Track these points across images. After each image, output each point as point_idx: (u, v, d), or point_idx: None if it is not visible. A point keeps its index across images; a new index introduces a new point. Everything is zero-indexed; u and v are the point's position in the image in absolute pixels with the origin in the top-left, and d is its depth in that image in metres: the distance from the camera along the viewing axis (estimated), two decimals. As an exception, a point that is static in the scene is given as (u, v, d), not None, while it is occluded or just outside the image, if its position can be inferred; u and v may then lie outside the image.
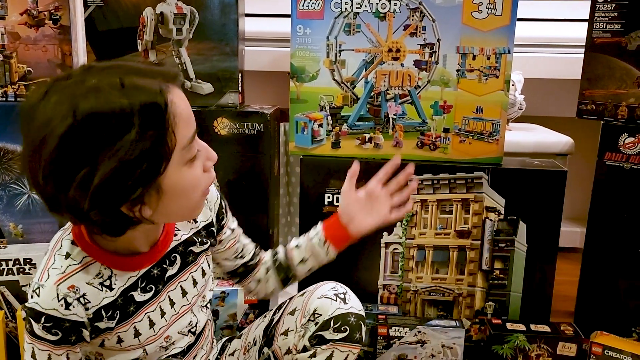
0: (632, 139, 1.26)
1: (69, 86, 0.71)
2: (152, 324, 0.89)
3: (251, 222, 1.42)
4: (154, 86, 0.72)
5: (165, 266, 0.90)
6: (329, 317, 0.90)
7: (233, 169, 1.40)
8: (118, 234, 0.78)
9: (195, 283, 0.95)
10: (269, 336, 0.98)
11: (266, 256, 1.10)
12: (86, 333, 0.82)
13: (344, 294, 0.93)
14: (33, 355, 0.81)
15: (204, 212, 0.97)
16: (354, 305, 0.93)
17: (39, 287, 0.79)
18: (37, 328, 0.79)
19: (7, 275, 1.28)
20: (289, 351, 0.94)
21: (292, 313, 0.95)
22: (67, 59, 1.38)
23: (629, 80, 1.26)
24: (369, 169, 1.32)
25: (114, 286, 0.84)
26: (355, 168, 1.08)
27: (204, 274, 0.97)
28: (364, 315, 0.93)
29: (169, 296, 0.91)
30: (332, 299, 0.92)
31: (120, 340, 0.86)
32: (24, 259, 1.28)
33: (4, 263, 1.28)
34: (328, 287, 0.95)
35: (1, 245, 1.36)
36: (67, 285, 0.79)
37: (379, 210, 1.06)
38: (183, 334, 0.94)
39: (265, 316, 1.04)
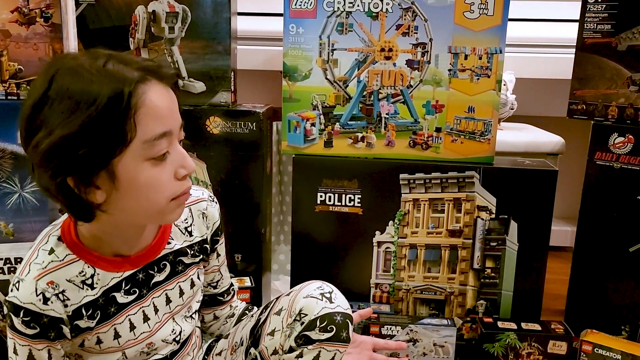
0: (622, 138, 1.27)
1: (63, 60, 0.75)
2: (132, 327, 0.89)
3: (243, 221, 1.42)
4: (130, 75, 0.74)
5: (152, 272, 0.90)
6: (315, 317, 0.89)
7: (225, 168, 1.40)
8: (82, 216, 0.78)
9: (182, 293, 0.95)
10: (255, 336, 0.97)
11: (239, 304, 1.12)
12: (66, 330, 0.82)
13: (330, 293, 0.92)
14: (15, 350, 0.82)
15: (200, 229, 0.97)
16: (340, 304, 0.92)
17: (19, 281, 0.80)
18: (17, 322, 0.80)
19: (-3, 274, 1.27)
20: (275, 351, 0.93)
21: (278, 313, 0.95)
22: (58, 57, 1.38)
23: (619, 80, 1.27)
24: (362, 167, 1.33)
25: (95, 285, 0.84)
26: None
27: (192, 285, 0.97)
28: (350, 314, 0.93)
29: (153, 302, 0.91)
30: (318, 298, 0.91)
31: (99, 341, 0.86)
32: (15, 258, 1.27)
33: (-6, 262, 1.28)
34: (314, 287, 0.94)
35: (-9, 244, 1.36)
36: (46, 280, 0.80)
37: (357, 358, 1.05)
38: (167, 342, 0.94)
39: (252, 316, 1.04)
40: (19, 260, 1.27)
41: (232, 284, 1.11)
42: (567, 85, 1.34)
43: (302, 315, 0.90)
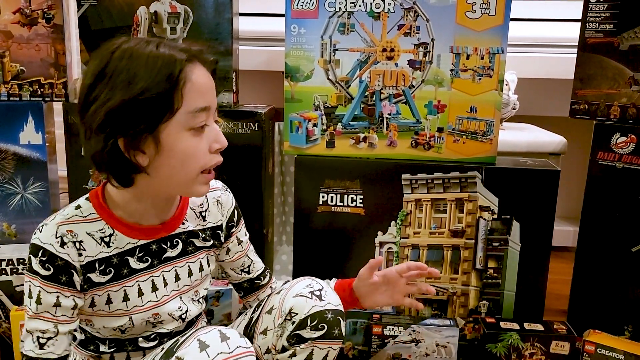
0: (625, 138, 1.27)
1: (118, 43, 0.84)
2: (140, 292, 0.92)
3: (245, 222, 1.42)
4: (179, 55, 0.84)
5: (165, 246, 0.95)
6: (306, 316, 0.90)
7: (227, 169, 1.39)
8: (123, 180, 0.86)
9: (190, 273, 0.98)
10: (249, 335, 0.98)
11: (278, 284, 1.13)
12: (77, 279, 0.87)
13: (320, 290, 0.93)
14: (30, 293, 0.87)
15: (215, 215, 1.02)
16: (331, 301, 0.93)
17: (43, 225, 0.88)
18: (34, 262, 0.85)
19: (0, 275, 1.27)
20: (268, 350, 0.94)
21: (269, 312, 0.96)
22: (60, 58, 1.38)
23: (621, 80, 1.27)
24: (364, 167, 1.33)
25: (111, 244, 0.90)
26: (379, 260, 1.07)
27: (201, 269, 0.99)
28: (342, 310, 0.93)
29: (163, 275, 0.94)
30: (308, 296, 0.92)
31: (109, 301, 0.90)
32: (17, 259, 1.28)
33: (-4, 263, 1.28)
34: (303, 285, 0.95)
35: (-6, 245, 1.36)
36: (67, 228, 0.87)
37: (392, 294, 1.08)
38: (173, 317, 0.96)
39: (246, 314, 1.05)
40: (21, 261, 1.27)
41: (266, 268, 1.14)
42: (569, 85, 1.34)
43: (293, 315, 0.91)
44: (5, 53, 1.36)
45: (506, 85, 1.68)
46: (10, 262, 1.27)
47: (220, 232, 1.02)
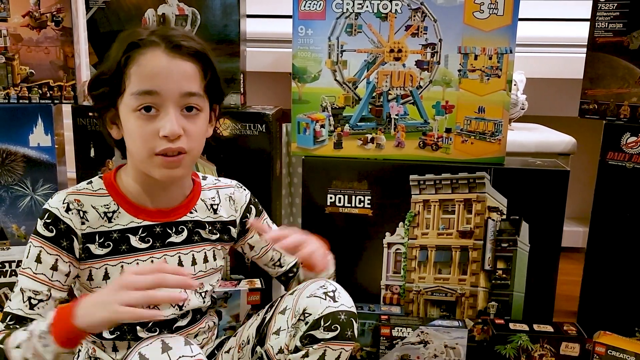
0: (635, 138, 1.26)
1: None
2: None
3: (253, 223, 1.42)
4: (136, 38, 0.87)
5: (169, 231, 0.97)
6: (319, 317, 0.91)
7: (235, 170, 1.40)
8: (122, 150, 0.94)
9: (194, 262, 0.99)
10: (261, 335, 0.98)
11: None
12: (77, 246, 0.91)
13: (334, 291, 0.94)
14: (29, 253, 0.91)
15: (227, 210, 1.03)
16: (344, 302, 0.93)
17: (56, 194, 0.93)
18: (40, 224, 0.90)
19: (9, 276, 1.28)
20: (281, 350, 0.94)
21: (282, 312, 0.96)
22: (69, 61, 1.39)
23: (631, 79, 1.26)
24: (371, 168, 1.33)
25: (113, 221, 0.93)
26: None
27: (205, 260, 1.00)
28: (355, 311, 0.94)
29: (165, 259, 0.96)
30: (322, 297, 0.92)
31: (106, 276, 0.93)
32: (27, 261, 1.28)
33: (6, 265, 1.29)
34: (317, 286, 0.95)
35: (4, 247, 1.37)
36: (75, 197, 0.92)
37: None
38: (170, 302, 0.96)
39: (258, 314, 1.05)
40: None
41: None
42: (578, 84, 1.33)
43: (306, 315, 0.91)
44: (15, 56, 1.37)
45: (515, 85, 1.67)
46: (19, 264, 1.28)
47: (232, 227, 1.04)
